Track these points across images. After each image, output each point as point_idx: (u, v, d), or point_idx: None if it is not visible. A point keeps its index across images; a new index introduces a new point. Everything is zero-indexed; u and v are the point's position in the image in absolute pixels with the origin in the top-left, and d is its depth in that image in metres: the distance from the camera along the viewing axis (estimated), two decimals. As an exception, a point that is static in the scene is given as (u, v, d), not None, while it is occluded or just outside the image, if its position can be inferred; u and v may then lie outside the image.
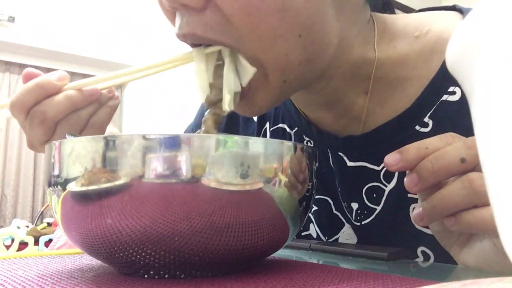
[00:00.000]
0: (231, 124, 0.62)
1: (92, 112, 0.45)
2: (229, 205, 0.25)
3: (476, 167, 0.30)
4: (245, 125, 0.61)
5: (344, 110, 0.48)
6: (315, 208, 0.53)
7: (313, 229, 0.54)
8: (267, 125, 0.58)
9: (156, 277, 0.28)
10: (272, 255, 0.38)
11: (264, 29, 0.37)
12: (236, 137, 0.27)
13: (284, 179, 0.27)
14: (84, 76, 4.06)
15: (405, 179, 0.33)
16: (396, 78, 0.45)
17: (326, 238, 0.52)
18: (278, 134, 0.56)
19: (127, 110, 4.10)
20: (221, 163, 0.25)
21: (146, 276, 0.28)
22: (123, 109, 4.16)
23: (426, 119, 0.43)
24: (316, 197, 0.52)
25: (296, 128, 0.54)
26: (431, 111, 0.43)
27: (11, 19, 3.32)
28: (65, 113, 0.44)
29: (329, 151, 0.50)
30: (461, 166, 0.30)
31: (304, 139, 0.53)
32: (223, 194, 0.25)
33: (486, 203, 0.29)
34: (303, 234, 0.55)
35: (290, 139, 0.54)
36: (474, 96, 0.15)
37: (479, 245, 0.32)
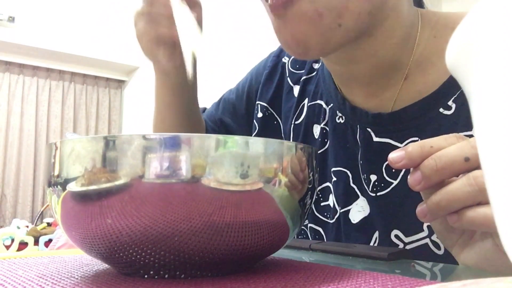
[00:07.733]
0: (276, 95, 0.66)
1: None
2: (229, 205, 0.25)
3: (480, 167, 0.30)
4: (287, 97, 0.65)
5: (378, 90, 0.50)
6: (334, 179, 0.56)
7: (331, 200, 0.57)
8: (306, 101, 0.62)
9: (156, 277, 0.28)
10: (272, 255, 0.38)
11: None
12: (236, 137, 0.27)
13: (284, 179, 0.27)
14: (84, 76, 4.06)
15: (408, 177, 0.33)
16: (433, 66, 0.48)
17: (340, 207, 0.55)
18: (314, 110, 0.60)
19: (127, 110, 4.10)
20: (221, 163, 0.25)
21: (146, 276, 0.28)
22: (123, 109, 4.15)
23: (450, 103, 0.46)
24: (337, 168, 0.56)
25: (331, 104, 0.57)
26: (455, 95, 0.46)
27: (11, 19, 3.32)
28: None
29: (358, 127, 0.53)
30: (465, 165, 0.30)
31: (337, 115, 0.56)
32: (223, 194, 0.25)
33: None
34: (322, 204, 0.58)
35: (325, 115, 0.58)
36: (474, 96, 0.15)
37: (480, 244, 0.32)
